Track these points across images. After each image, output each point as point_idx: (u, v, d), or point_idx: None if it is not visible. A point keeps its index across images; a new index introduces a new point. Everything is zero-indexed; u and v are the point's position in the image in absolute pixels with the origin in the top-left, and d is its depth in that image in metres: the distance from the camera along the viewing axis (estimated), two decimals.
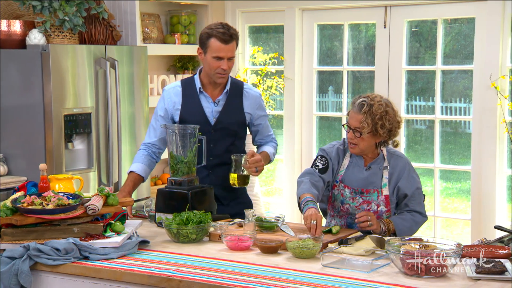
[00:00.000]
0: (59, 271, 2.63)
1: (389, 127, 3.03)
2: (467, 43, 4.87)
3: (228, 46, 3.25)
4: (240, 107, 3.39)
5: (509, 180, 4.68)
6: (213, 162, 3.35)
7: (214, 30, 3.24)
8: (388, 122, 3.02)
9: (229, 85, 3.39)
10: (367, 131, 3.02)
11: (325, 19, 5.31)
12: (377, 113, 3.00)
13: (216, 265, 2.58)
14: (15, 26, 4.32)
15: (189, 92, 3.39)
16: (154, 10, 5.27)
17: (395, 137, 3.13)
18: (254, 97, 3.44)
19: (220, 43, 3.23)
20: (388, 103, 3.07)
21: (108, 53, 4.41)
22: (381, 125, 3.00)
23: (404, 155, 3.23)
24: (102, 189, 2.93)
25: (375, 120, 3.00)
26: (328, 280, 2.39)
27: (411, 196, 3.13)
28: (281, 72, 5.39)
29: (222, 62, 3.26)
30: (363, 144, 3.05)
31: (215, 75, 3.30)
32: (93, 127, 4.34)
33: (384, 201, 3.10)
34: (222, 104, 3.37)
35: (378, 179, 3.11)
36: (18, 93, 4.22)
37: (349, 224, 3.17)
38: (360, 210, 3.11)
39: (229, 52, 3.26)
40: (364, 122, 3.01)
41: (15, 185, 3.73)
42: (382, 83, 5.03)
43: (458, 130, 5.07)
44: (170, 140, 3.17)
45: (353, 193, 3.12)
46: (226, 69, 3.27)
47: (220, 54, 3.25)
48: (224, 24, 3.28)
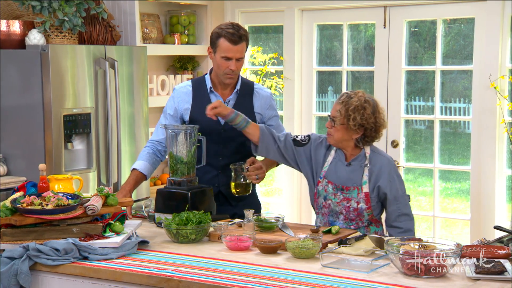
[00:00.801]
0: (59, 271, 2.63)
1: (360, 122, 3.04)
2: (466, 43, 4.87)
3: (237, 47, 3.23)
4: (250, 107, 3.38)
5: (509, 180, 4.68)
6: (223, 162, 3.34)
7: (224, 30, 3.23)
8: (360, 117, 3.03)
9: (239, 85, 3.38)
10: (339, 121, 3.06)
11: (325, 19, 5.31)
12: (352, 105, 3.04)
13: (215, 265, 2.58)
14: (14, 26, 4.32)
15: (199, 92, 3.38)
16: (154, 10, 5.27)
17: (374, 138, 3.13)
18: (265, 97, 3.42)
19: (229, 44, 3.22)
20: (370, 101, 3.08)
21: (108, 53, 4.41)
22: (353, 117, 3.03)
23: (388, 155, 3.22)
24: (102, 189, 2.93)
25: (348, 111, 3.04)
26: (327, 280, 2.39)
27: (396, 199, 3.11)
28: (281, 72, 5.40)
29: (231, 62, 3.25)
30: (336, 134, 3.09)
31: (224, 75, 3.29)
32: (93, 127, 4.34)
33: (364, 198, 3.09)
34: (232, 104, 3.36)
35: (358, 176, 3.11)
36: (17, 93, 4.22)
37: (331, 222, 3.16)
38: (340, 207, 3.12)
39: (238, 53, 3.24)
40: (338, 111, 3.06)
41: (14, 185, 3.73)
42: (382, 83, 5.03)
43: (457, 130, 5.08)
44: (170, 140, 3.17)
45: (335, 189, 3.13)
46: (235, 69, 3.26)
47: (229, 55, 3.24)
48: (234, 25, 3.27)
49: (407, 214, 3.12)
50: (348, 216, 3.11)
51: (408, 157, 5.12)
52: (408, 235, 3.00)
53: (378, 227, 3.19)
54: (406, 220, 3.10)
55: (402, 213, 3.10)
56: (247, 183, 3.28)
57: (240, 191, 3.29)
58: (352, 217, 3.11)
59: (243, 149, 3.35)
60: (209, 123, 3.27)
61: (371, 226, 3.16)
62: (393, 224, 3.10)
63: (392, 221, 3.10)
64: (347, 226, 3.12)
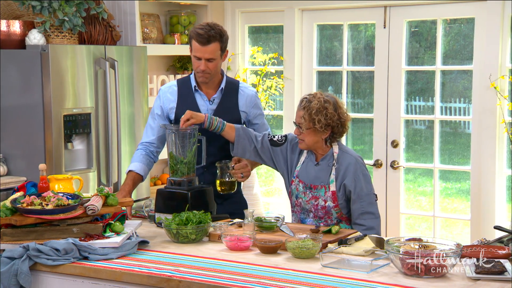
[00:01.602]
0: (59, 271, 2.63)
1: (325, 122, 3.09)
2: (466, 43, 4.87)
3: (206, 48, 3.25)
4: (236, 105, 3.42)
5: (509, 180, 4.68)
6: (208, 160, 3.35)
7: (194, 30, 3.29)
8: (324, 117, 3.09)
9: (224, 84, 3.41)
10: (305, 126, 3.11)
11: (325, 19, 5.31)
12: (314, 108, 3.09)
13: (215, 265, 2.58)
14: (14, 26, 4.32)
15: (184, 91, 3.41)
16: (154, 10, 5.27)
17: (342, 133, 3.19)
18: (250, 95, 3.46)
19: (198, 44, 3.27)
20: (329, 100, 3.14)
21: (108, 53, 4.41)
22: (317, 120, 3.09)
23: (356, 154, 3.24)
24: (102, 189, 2.93)
25: (312, 115, 3.09)
26: (327, 280, 2.39)
27: (360, 197, 3.13)
28: (281, 72, 5.40)
29: (201, 62, 3.29)
30: (307, 139, 3.15)
31: (196, 74, 3.35)
32: (93, 127, 4.34)
33: (331, 196, 3.14)
34: (217, 103, 3.40)
35: (325, 175, 3.16)
36: (17, 93, 4.22)
37: (302, 220, 3.23)
38: (309, 205, 3.18)
39: (206, 53, 3.26)
40: (302, 117, 3.12)
41: (14, 185, 3.73)
42: (382, 83, 5.03)
43: (457, 130, 5.08)
44: (170, 140, 3.18)
45: (305, 187, 3.19)
46: (204, 69, 3.29)
47: (197, 55, 3.28)
48: (207, 25, 3.29)
49: (371, 213, 3.15)
50: (317, 214, 3.17)
51: (408, 157, 5.12)
52: (370, 233, 3.02)
53: (349, 224, 3.21)
54: (370, 218, 3.13)
55: (366, 211, 3.13)
56: (232, 181, 3.30)
57: (225, 189, 3.31)
58: (320, 215, 3.17)
59: (227, 146, 3.36)
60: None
61: (341, 223, 3.20)
62: (356, 221, 3.14)
63: (355, 218, 3.15)
64: (316, 223, 3.18)
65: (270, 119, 5.62)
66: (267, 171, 5.88)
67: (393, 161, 5.01)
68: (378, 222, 3.17)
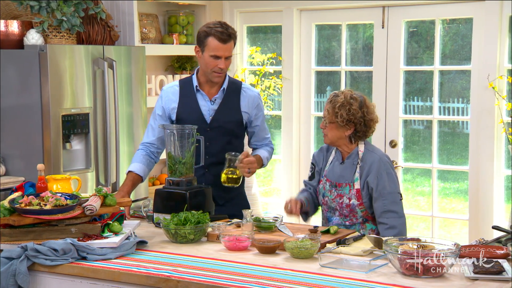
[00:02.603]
0: (57, 271, 2.63)
1: (347, 117, 3.13)
2: (465, 44, 4.87)
3: (226, 46, 3.26)
4: (237, 106, 3.40)
5: (507, 180, 4.69)
6: (209, 161, 3.35)
7: (212, 29, 3.25)
8: (346, 112, 3.13)
9: (226, 84, 3.40)
10: (328, 120, 3.17)
11: (323, 20, 5.31)
12: (338, 102, 3.15)
13: (214, 265, 2.58)
14: (13, 26, 4.31)
15: (186, 91, 3.40)
16: (152, 10, 5.27)
17: (366, 133, 3.21)
18: (252, 96, 3.44)
19: (218, 42, 3.24)
20: (357, 98, 3.17)
21: (106, 53, 4.40)
22: (340, 114, 3.13)
23: (381, 153, 3.25)
24: (100, 190, 2.93)
25: (335, 108, 3.14)
26: (326, 280, 2.39)
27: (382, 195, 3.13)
28: (279, 72, 5.40)
29: (220, 61, 3.27)
30: (330, 133, 3.19)
31: (212, 73, 3.31)
32: (91, 128, 4.33)
33: (356, 194, 3.15)
34: (218, 103, 3.39)
35: (350, 174, 3.18)
36: (16, 93, 4.22)
37: (328, 218, 3.26)
38: (335, 203, 3.20)
39: (227, 51, 3.27)
40: (326, 110, 3.18)
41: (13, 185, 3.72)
42: (380, 84, 5.03)
43: (456, 130, 5.08)
44: (168, 140, 3.17)
45: (331, 186, 3.23)
46: (223, 68, 3.29)
47: (218, 53, 3.26)
48: (222, 23, 3.30)
49: (394, 211, 3.14)
50: (342, 212, 3.19)
51: (407, 157, 5.12)
52: (392, 232, 3.03)
53: (376, 225, 3.20)
54: (392, 217, 3.13)
55: (388, 209, 3.13)
56: (238, 176, 3.25)
57: (230, 181, 3.26)
58: (345, 213, 3.18)
59: (229, 147, 3.36)
60: (195, 122, 3.29)
61: (367, 223, 3.20)
62: (379, 220, 3.15)
63: (378, 216, 3.15)
64: (342, 222, 3.19)
65: (269, 119, 5.62)
66: (265, 171, 5.88)
67: (392, 161, 5.00)
68: (401, 221, 3.16)
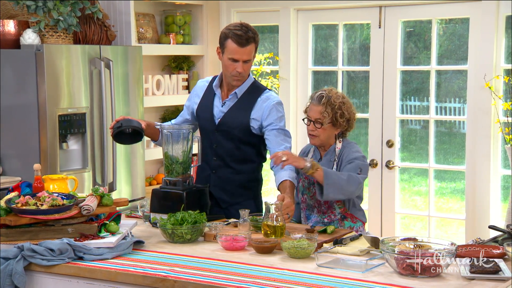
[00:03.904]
0: (54, 271, 2.63)
1: (347, 116, 3.21)
2: (461, 44, 4.88)
3: (244, 49, 3.19)
4: (248, 112, 3.29)
5: (503, 180, 4.69)
6: (216, 163, 3.34)
7: (231, 31, 3.19)
8: (346, 112, 3.21)
9: (242, 88, 3.30)
10: (327, 121, 3.19)
11: (320, 19, 5.31)
12: (336, 103, 3.19)
13: (211, 265, 2.58)
14: (9, 26, 4.30)
15: (210, 89, 3.39)
16: (149, 10, 5.27)
17: (351, 128, 3.28)
18: (267, 104, 3.28)
19: (236, 45, 3.18)
20: (344, 96, 3.27)
21: (103, 53, 4.40)
22: (340, 114, 3.19)
23: (356, 149, 3.25)
24: (97, 189, 2.92)
25: (335, 109, 3.19)
26: (323, 280, 2.39)
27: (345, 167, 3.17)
28: (276, 72, 5.40)
29: (237, 64, 3.21)
30: (324, 134, 3.22)
31: (231, 77, 3.27)
32: (88, 127, 4.33)
33: None
34: (229, 105, 3.32)
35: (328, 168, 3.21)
36: (12, 93, 4.21)
37: (308, 216, 3.28)
38: (313, 200, 3.24)
39: (245, 55, 3.20)
40: (324, 112, 3.19)
41: (9, 185, 3.72)
42: (377, 83, 5.04)
43: (452, 130, 5.09)
44: (165, 140, 3.17)
45: (309, 183, 3.24)
46: (241, 71, 3.22)
47: (235, 56, 3.20)
48: (243, 25, 3.22)
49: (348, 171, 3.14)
50: (320, 209, 3.23)
51: (403, 157, 5.13)
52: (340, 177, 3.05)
53: (355, 222, 3.23)
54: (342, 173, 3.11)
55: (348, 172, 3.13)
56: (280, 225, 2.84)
57: (272, 232, 2.84)
58: (324, 210, 3.22)
59: (237, 152, 3.32)
60: (206, 122, 3.30)
61: (345, 220, 3.23)
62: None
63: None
64: (320, 219, 3.21)
65: None
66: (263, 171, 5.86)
67: (388, 161, 5.02)
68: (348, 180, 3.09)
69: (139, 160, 4.69)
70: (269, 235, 2.84)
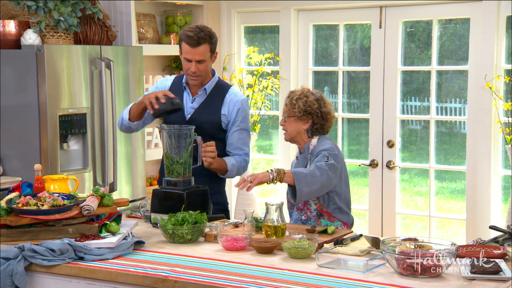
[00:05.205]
0: (54, 271, 2.63)
1: (304, 108, 3.27)
2: (462, 44, 4.88)
3: (195, 50, 3.30)
4: (218, 108, 3.42)
5: (504, 180, 4.69)
6: None
7: (184, 33, 3.34)
8: (303, 103, 3.28)
9: (209, 85, 3.44)
10: (287, 114, 3.32)
11: (321, 20, 5.31)
12: (296, 95, 3.33)
13: (211, 265, 2.58)
14: (9, 26, 4.31)
15: (176, 87, 3.48)
16: (150, 10, 5.27)
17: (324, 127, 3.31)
18: (235, 100, 3.43)
19: (188, 46, 3.31)
20: (314, 93, 3.33)
21: (103, 53, 4.40)
22: (297, 106, 3.29)
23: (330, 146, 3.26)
24: (97, 190, 2.93)
25: (293, 100, 3.32)
26: (323, 280, 2.39)
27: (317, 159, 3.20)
28: (277, 73, 5.40)
29: (191, 64, 3.33)
30: (289, 128, 3.33)
31: (187, 76, 3.40)
32: (88, 128, 4.33)
33: None
34: (199, 102, 3.44)
35: (302, 167, 3.29)
36: (13, 93, 4.21)
37: (290, 214, 3.37)
38: None
39: (197, 55, 3.31)
40: (284, 105, 3.36)
41: (10, 185, 3.72)
42: (378, 84, 5.04)
43: (453, 130, 5.08)
44: (165, 140, 3.17)
45: None
46: (195, 71, 3.34)
47: (188, 57, 3.33)
48: (196, 27, 3.33)
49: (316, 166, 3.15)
50: (298, 206, 3.29)
51: (404, 157, 5.13)
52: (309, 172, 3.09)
53: (332, 221, 3.25)
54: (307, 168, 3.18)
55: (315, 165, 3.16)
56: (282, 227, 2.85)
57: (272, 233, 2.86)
58: (300, 206, 3.29)
59: None
60: (176, 118, 3.36)
61: (322, 218, 3.26)
62: None
63: None
64: (299, 216, 3.27)
65: (266, 119, 5.63)
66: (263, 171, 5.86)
67: (389, 161, 5.02)
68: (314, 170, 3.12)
69: (140, 160, 4.69)
70: (269, 236, 2.84)
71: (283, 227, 2.85)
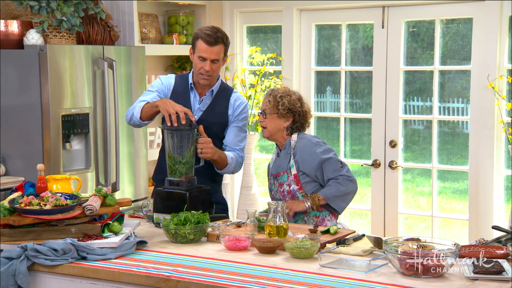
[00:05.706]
0: (57, 271, 2.63)
1: (288, 106, 3.34)
2: (464, 44, 4.87)
3: (212, 49, 3.34)
4: (225, 110, 3.48)
5: (507, 180, 4.69)
6: None
7: (202, 31, 3.38)
8: (288, 101, 3.35)
9: (216, 87, 3.47)
10: (269, 111, 3.37)
11: (323, 20, 5.31)
12: (279, 93, 3.38)
13: (214, 265, 2.58)
14: (12, 26, 4.31)
15: (181, 87, 3.49)
16: (152, 10, 5.27)
17: (303, 125, 3.40)
18: (239, 102, 3.51)
19: (205, 45, 3.34)
20: (294, 92, 3.43)
21: (106, 53, 4.40)
22: (281, 103, 3.34)
23: (310, 136, 3.42)
24: (100, 190, 2.93)
25: (277, 98, 3.36)
26: (326, 280, 2.39)
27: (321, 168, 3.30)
28: (279, 73, 5.40)
29: (205, 63, 3.36)
30: (269, 125, 3.38)
31: (199, 75, 3.41)
32: (91, 128, 4.33)
33: (294, 180, 3.34)
34: (206, 104, 3.46)
35: (285, 162, 3.36)
36: (15, 93, 4.22)
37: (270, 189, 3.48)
38: (278, 193, 3.38)
39: (213, 54, 3.35)
40: (267, 102, 3.39)
41: (12, 185, 3.73)
42: (380, 84, 5.03)
43: (455, 130, 5.08)
44: (168, 140, 3.18)
45: (273, 178, 3.42)
46: (209, 70, 3.36)
47: (204, 55, 3.35)
48: (213, 27, 3.41)
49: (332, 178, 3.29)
50: (285, 201, 3.33)
51: (407, 157, 5.13)
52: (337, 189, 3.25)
53: (320, 211, 3.32)
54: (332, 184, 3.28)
55: (328, 178, 3.31)
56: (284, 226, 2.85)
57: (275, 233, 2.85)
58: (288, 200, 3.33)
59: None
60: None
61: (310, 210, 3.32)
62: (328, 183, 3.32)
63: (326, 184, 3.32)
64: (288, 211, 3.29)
65: None
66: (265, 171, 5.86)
67: (392, 161, 5.02)
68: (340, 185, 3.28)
69: (142, 160, 4.70)
70: (272, 236, 2.84)
71: (285, 227, 2.86)
